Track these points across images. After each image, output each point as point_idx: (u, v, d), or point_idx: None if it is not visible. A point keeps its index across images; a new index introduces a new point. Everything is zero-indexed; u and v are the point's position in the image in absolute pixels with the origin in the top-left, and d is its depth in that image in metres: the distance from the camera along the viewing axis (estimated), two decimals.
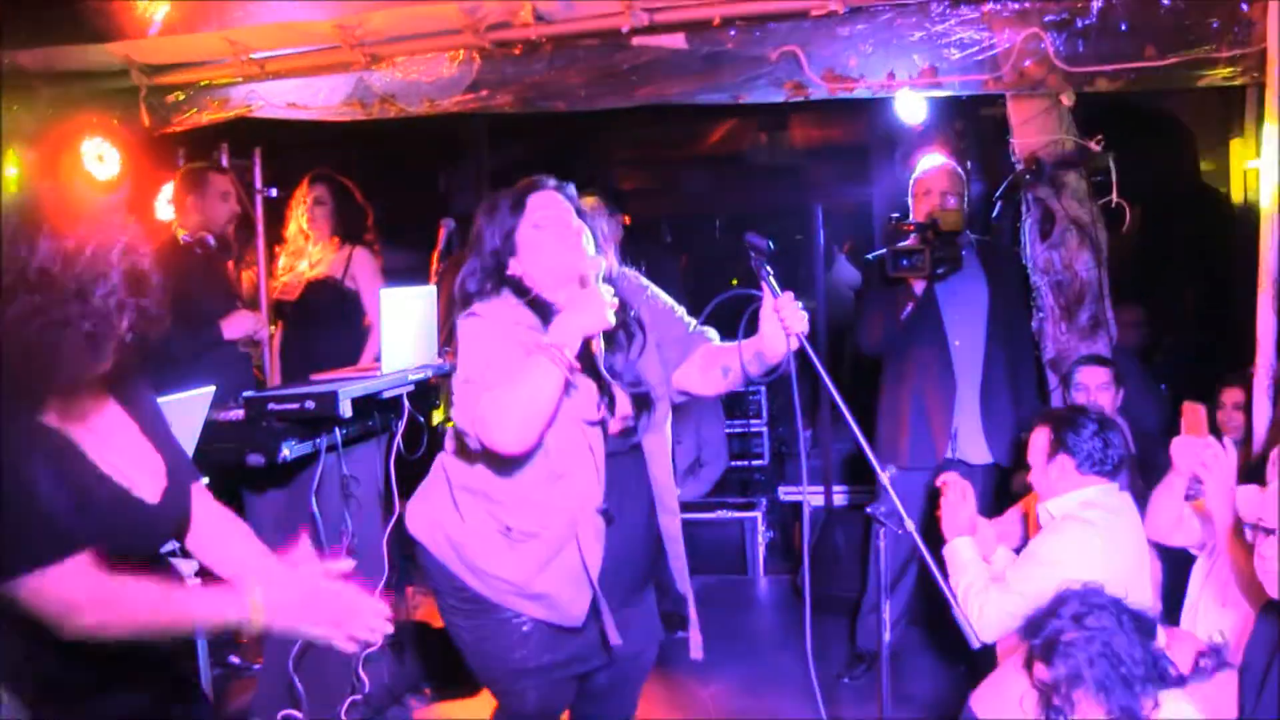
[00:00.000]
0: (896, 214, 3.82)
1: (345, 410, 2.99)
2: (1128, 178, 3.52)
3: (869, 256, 3.96)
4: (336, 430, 3.19)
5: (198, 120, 4.11)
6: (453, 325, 2.34)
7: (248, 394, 3.10)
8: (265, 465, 2.98)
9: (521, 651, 2.30)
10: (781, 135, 6.68)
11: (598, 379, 2.27)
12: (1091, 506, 2.80)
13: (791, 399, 2.24)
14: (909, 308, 3.71)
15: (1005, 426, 3.71)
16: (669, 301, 2.52)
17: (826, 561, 4.60)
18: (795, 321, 2.18)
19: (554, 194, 2.34)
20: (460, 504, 2.33)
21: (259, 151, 4.66)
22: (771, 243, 2.24)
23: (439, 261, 4.39)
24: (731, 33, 3.53)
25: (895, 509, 2.21)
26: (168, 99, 4.08)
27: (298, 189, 4.46)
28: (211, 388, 2.86)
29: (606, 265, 2.32)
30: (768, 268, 2.22)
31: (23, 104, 3.92)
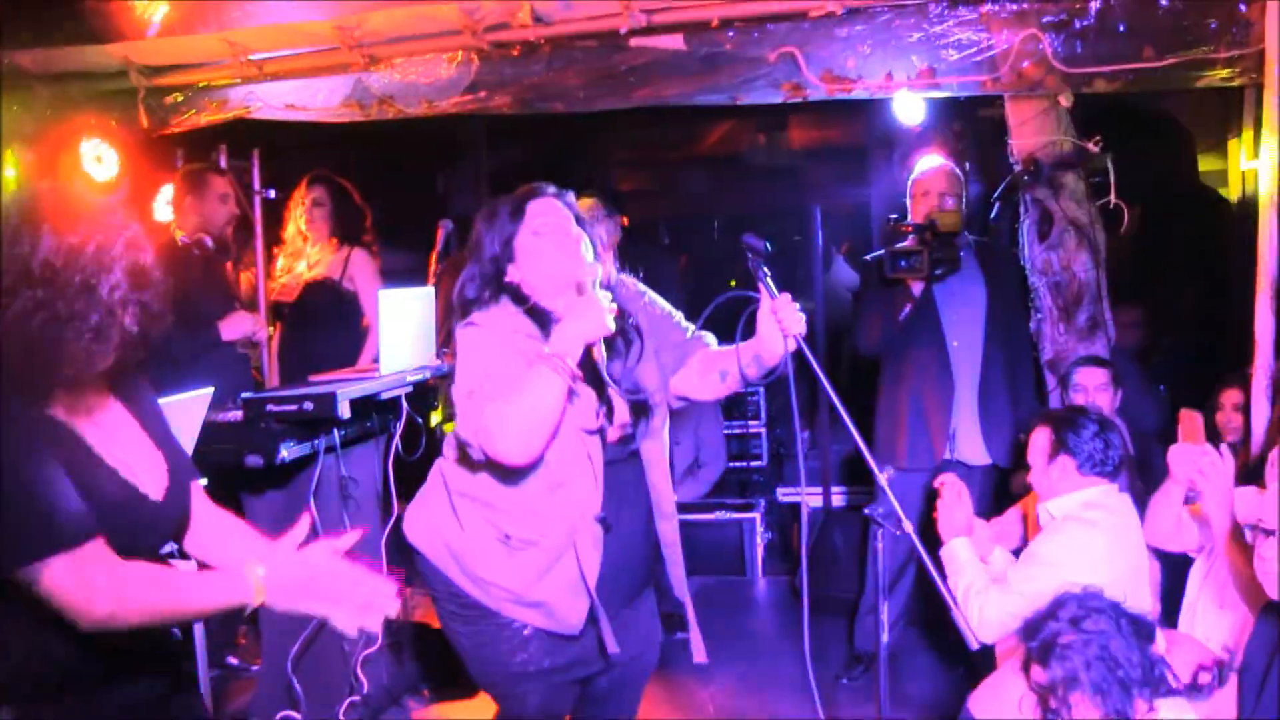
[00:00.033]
0: (895, 215, 3.82)
1: (344, 411, 3.00)
2: (1126, 179, 3.53)
3: (867, 257, 3.95)
4: (335, 431, 3.19)
5: (196, 121, 4.10)
6: (451, 329, 2.33)
7: (246, 395, 3.10)
8: (263, 466, 2.98)
9: (521, 656, 2.29)
10: (780, 136, 6.68)
11: (596, 387, 2.26)
12: (1093, 507, 2.80)
13: (790, 400, 2.24)
14: (907, 309, 3.71)
15: (1003, 427, 3.71)
16: (666, 307, 2.52)
17: (825, 562, 4.60)
18: (793, 323, 2.18)
19: (553, 201, 2.34)
20: (459, 511, 2.33)
21: (257, 153, 4.68)
22: (769, 244, 2.24)
23: (437, 263, 4.39)
24: (730, 34, 3.53)
25: (893, 510, 2.21)
26: (166, 100, 4.08)
27: (296, 190, 4.45)
28: (210, 389, 2.85)
29: (604, 272, 2.32)
30: (765, 269, 2.22)
31: (21, 105, 3.91)
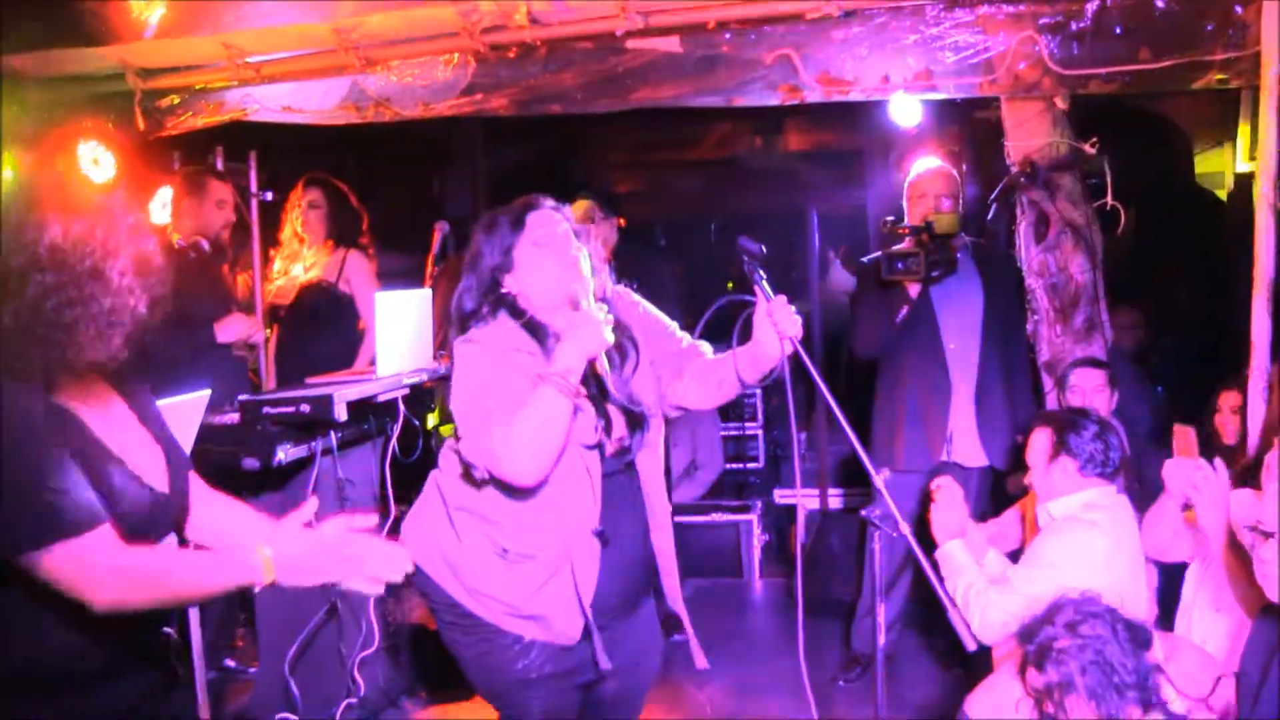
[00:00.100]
0: (891, 217, 3.82)
1: (340, 414, 3.00)
2: (1122, 180, 3.52)
3: (864, 260, 3.96)
4: (332, 434, 3.19)
5: (192, 124, 4.10)
6: (448, 336, 2.33)
7: (243, 397, 3.10)
8: (260, 469, 2.98)
9: (522, 663, 2.28)
10: (776, 138, 6.69)
11: (595, 402, 2.25)
12: (1093, 508, 2.80)
13: (787, 402, 2.24)
14: (904, 311, 3.71)
15: (1000, 429, 3.71)
16: (662, 317, 2.51)
17: (821, 564, 4.59)
18: (789, 325, 2.18)
19: (553, 214, 2.33)
20: (457, 524, 2.32)
21: (254, 155, 4.67)
22: (764, 246, 2.24)
23: (434, 265, 4.39)
24: (726, 36, 3.53)
25: (890, 512, 2.21)
26: (162, 103, 4.07)
27: (292, 192, 4.45)
28: (207, 391, 2.84)
29: (599, 284, 2.31)
30: (761, 272, 2.22)
31: (18, 107, 3.90)
